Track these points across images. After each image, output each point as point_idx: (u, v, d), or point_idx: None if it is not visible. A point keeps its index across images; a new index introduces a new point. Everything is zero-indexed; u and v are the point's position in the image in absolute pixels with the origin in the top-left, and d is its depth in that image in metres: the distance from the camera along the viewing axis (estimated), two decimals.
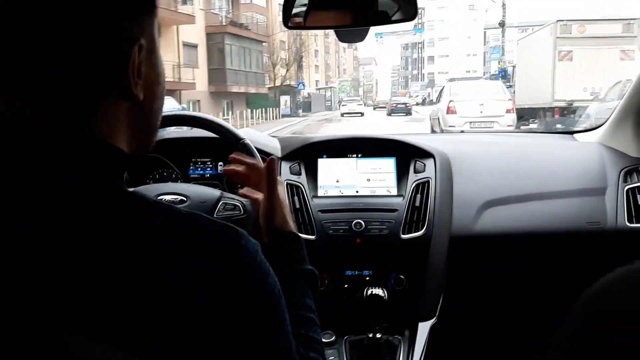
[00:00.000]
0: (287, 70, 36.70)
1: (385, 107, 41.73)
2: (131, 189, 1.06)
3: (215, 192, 1.22)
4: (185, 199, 1.18)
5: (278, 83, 34.92)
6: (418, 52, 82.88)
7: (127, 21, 0.53)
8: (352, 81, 76.97)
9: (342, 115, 32.58)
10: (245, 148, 1.22)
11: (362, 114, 32.81)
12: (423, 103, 47.00)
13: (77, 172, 0.50)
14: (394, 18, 1.13)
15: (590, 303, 0.40)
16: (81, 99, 0.51)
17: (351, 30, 1.22)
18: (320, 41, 66.61)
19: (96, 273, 0.44)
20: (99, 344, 0.42)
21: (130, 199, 0.52)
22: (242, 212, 1.20)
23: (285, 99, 32.48)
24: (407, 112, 30.55)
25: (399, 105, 31.29)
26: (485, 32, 79.35)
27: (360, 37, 1.46)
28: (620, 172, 1.48)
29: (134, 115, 0.57)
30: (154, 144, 0.63)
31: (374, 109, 43.12)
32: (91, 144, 0.52)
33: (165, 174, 1.48)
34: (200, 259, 0.48)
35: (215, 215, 1.19)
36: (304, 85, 29.06)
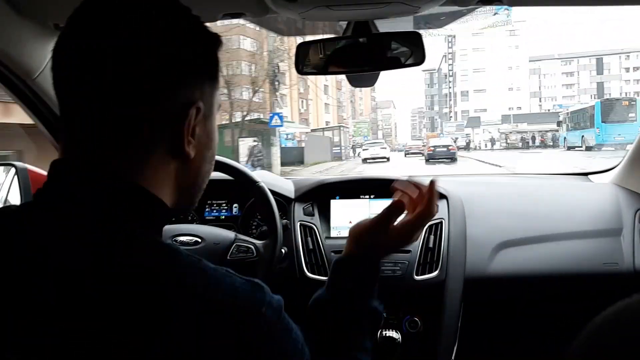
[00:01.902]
0: (253, 94, 27.89)
1: (418, 153, 40.25)
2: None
3: (230, 235, 1.52)
4: (200, 240, 1.48)
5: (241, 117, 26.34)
6: (448, 87, 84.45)
7: (189, 85, 0.69)
8: (371, 123, 77.76)
9: (363, 161, 32.48)
10: (259, 190, 1.51)
11: (388, 159, 32.75)
12: (467, 147, 44.85)
13: (114, 208, 0.63)
14: (404, 62, 1.44)
15: (591, 336, 0.46)
16: (136, 151, 0.66)
17: (362, 75, 1.57)
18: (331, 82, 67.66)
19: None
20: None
21: (158, 249, 0.63)
22: (254, 254, 1.50)
23: (249, 146, 23.11)
24: (451, 157, 28.55)
25: (438, 149, 29.15)
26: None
27: (372, 81, 1.78)
28: (636, 213, 1.78)
29: (181, 174, 0.72)
30: (197, 203, 0.81)
31: (405, 155, 40.98)
32: (136, 192, 0.66)
33: (181, 216, 1.76)
34: (225, 318, 0.59)
35: (228, 257, 1.48)
36: (281, 119, 20.03)
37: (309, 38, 1.59)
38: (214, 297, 0.61)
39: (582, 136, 28.62)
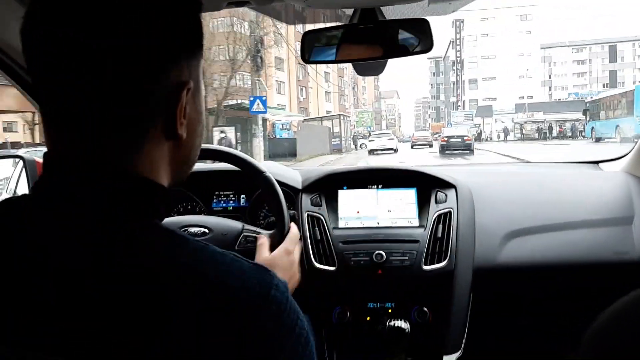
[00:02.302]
0: (232, 76, 25.16)
1: (425, 144, 40.23)
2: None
3: (237, 225, 1.58)
4: (207, 231, 1.54)
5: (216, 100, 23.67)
6: (456, 75, 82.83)
7: (178, 64, 0.70)
8: (374, 113, 77.25)
9: (370, 152, 32.62)
10: (266, 181, 1.56)
11: (395, 151, 33.12)
12: (478, 138, 43.38)
13: (115, 207, 0.65)
14: (412, 50, 1.48)
15: (602, 328, 0.51)
16: (128, 137, 0.67)
17: (370, 63, 1.62)
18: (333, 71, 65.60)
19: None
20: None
21: (166, 237, 0.66)
22: None
23: (223, 135, 20.94)
24: (467, 148, 27.80)
25: (453, 140, 28.08)
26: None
27: (379, 70, 1.85)
28: None
29: (175, 154, 0.74)
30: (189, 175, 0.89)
31: (412, 146, 40.23)
32: (132, 179, 0.68)
33: (189, 207, 1.87)
34: (235, 302, 0.61)
35: (236, 248, 1.55)
36: (264, 103, 17.43)
37: (312, 27, 1.68)
38: (224, 281, 0.63)
39: (617, 126, 27.06)
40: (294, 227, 1.50)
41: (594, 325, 0.48)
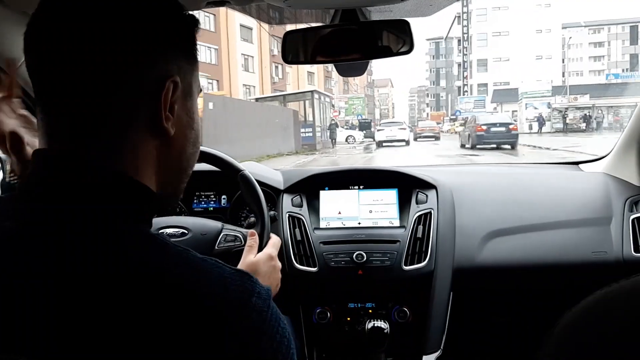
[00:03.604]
0: None
1: (432, 137, 38.81)
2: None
3: (217, 225, 1.76)
4: (186, 231, 1.72)
5: None
6: (462, 55, 76.18)
7: (164, 60, 0.78)
8: (366, 98, 74.40)
9: (378, 145, 32.22)
10: (244, 179, 1.73)
11: (407, 143, 32.69)
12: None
13: (97, 207, 0.71)
14: (395, 50, 1.69)
15: (562, 334, 0.62)
16: (114, 129, 0.74)
17: (351, 63, 1.80)
18: None
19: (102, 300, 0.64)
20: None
21: (146, 242, 0.72)
22: (242, 243, 1.73)
23: None
24: (512, 143, 24.68)
25: (494, 130, 24.52)
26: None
27: (361, 70, 2.02)
28: (625, 202, 2.09)
29: (163, 155, 0.81)
30: (183, 190, 0.93)
31: (416, 138, 39.17)
32: (117, 178, 0.75)
33: (168, 208, 2.15)
34: (216, 309, 0.67)
35: (216, 247, 1.72)
36: None
37: (292, 27, 1.84)
38: (202, 289, 0.69)
39: None
40: (274, 236, 1.63)
41: (560, 323, 0.58)
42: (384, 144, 32.48)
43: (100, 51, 0.72)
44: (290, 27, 2.01)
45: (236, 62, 43.81)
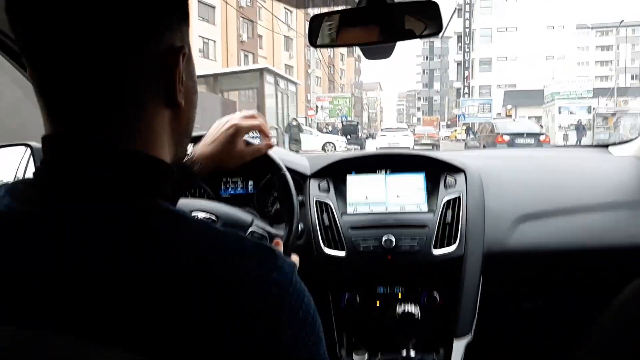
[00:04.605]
0: None
1: (430, 145, 37.53)
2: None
3: (247, 218, 1.83)
4: (216, 219, 1.80)
5: None
6: (463, 52, 72.50)
7: (170, 29, 0.82)
8: (353, 99, 66.59)
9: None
10: (282, 180, 1.82)
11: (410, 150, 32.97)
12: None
13: (116, 188, 0.77)
14: (419, 33, 1.85)
15: (622, 309, 0.69)
16: (128, 106, 0.78)
17: (377, 47, 1.98)
18: (298, 20, 55.59)
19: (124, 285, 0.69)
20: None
21: (167, 217, 0.77)
22: (269, 243, 1.74)
23: None
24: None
25: (521, 141, 22.81)
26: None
27: (387, 53, 2.17)
28: None
29: (174, 125, 0.87)
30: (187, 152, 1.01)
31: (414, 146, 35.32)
32: (134, 156, 0.80)
33: (197, 194, 2.20)
34: (236, 284, 0.72)
35: None
36: None
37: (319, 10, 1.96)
38: (222, 263, 0.74)
39: None
40: (294, 256, 1.65)
41: (621, 296, 0.67)
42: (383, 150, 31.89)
43: (103, 29, 0.74)
44: (316, 11, 2.21)
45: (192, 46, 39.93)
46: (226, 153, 1.60)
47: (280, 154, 2.04)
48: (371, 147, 37.49)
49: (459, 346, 2.08)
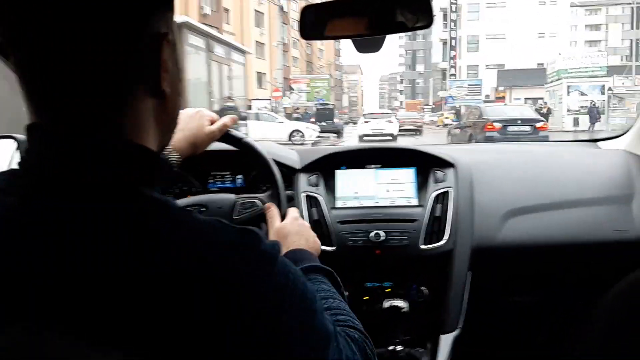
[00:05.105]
0: None
1: (414, 130, 37.83)
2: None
3: (231, 196, 1.96)
4: (204, 208, 1.92)
5: None
6: (449, 30, 69.02)
7: (157, 16, 0.84)
8: (332, 81, 67.56)
9: (360, 139, 31.99)
10: (248, 147, 1.90)
11: (394, 137, 32.36)
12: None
13: (105, 178, 0.80)
14: (410, 25, 1.97)
15: (617, 300, 0.98)
16: (112, 96, 0.81)
17: (368, 39, 2.10)
18: None
19: (113, 279, 0.72)
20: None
21: (166, 215, 0.80)
22: (260, 206, 1.92)
23: None
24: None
25: (513, 129, 20.64)
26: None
27: (378, 46, 2.23)
28: None
29: (159, 112, 0.89)
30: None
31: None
32: (121, 145, 0.82)
33: (185, 188, 2.27)
34: (211, 263, 0.77)
35: (234, 217, 1.90)
36: None
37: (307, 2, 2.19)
38: (201, 250, 0.78)
39: None
40: (292, 208, 1.83)
41: (614, 290, 0.85)
42: (366, 139, 31.72)
43: (86, 14, 0.77)
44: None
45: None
46: (197, 136, 1.73)
47: (269, 148, 2.15)
48: (351, 134, 36.53)
49: (446, 340, 2.18)
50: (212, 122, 1.77)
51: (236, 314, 0.76)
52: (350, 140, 33.54)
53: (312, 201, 2.31)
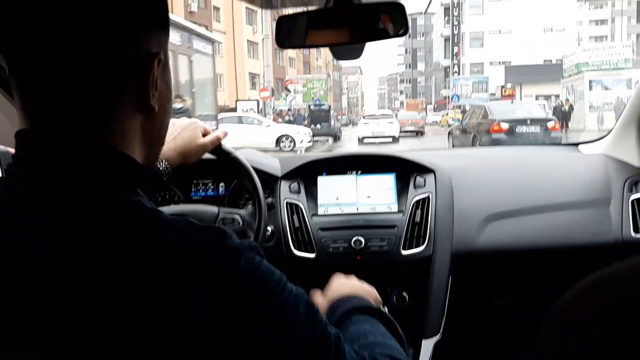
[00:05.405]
0: None
1: (414, 132, 37.50)
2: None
3: (213, 209, 2.01)
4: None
5: None
6: (452, 25, 71.26)
7: (147, 35, 0.89)
8: (330, 80, 65.94)
9: (360, 141, 32.25)
10: (235, 162, 1.96)
11: (396, 139, 32.21)
12: (565, 120, 29.52)
13: (92, 183, 0.84)
14: (388, 34, 2.04)
15: (555, 316, 0.78)
16: (102, 109, 0.86)
17: (347, 47, 2.19)
18: None
19: (98, 280, 0.76)
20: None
21: (136, 211, 0.85)
22: (241, 224, 1.99)
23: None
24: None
25: (522, 129, 19.57)
26: None
27: (357, 54, 2.35)
28: (625, 183, 2.36)
29: (147, 129, 0.94)
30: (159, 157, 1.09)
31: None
32: (108, 153, 0.87)
33: (167, 196, 2.33)
34: (217, 261, 0.82)
35: None
36: None
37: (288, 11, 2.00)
38: (171, 248, 0.82)
39: None
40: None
41: (561, 300, 0.78)
42: (366, 141, 31.72)
43: (80, 29, 0.82)
44: (285, 11, 2.38)
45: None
46: (189, 147, 1.78)
47: (249, 155, 2.21)
48: (350, 136, 35.24)
49: (427, 345, 2.24)
50: (206, 134, 1.83)
51: (236, 314, 0.80)
52: (349, 144, 32.74)
53: (293, 208, 2.38)
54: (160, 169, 1.70)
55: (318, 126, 35.89)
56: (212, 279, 0.81)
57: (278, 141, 27.93)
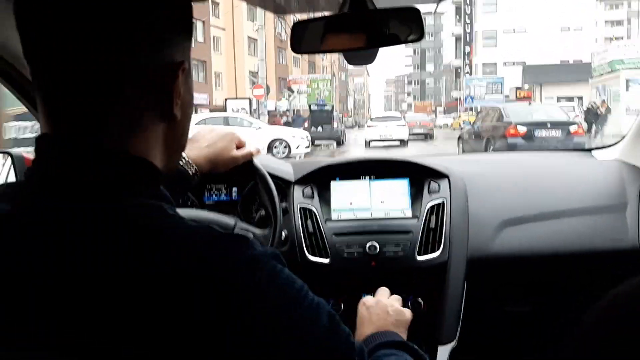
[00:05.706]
0: None
1: (423, 135, 36.98)
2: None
3: (229, 222, 2.04)
4: None
5: None
6: (464, 24, 70.80)
7: (172, 44, 0.93)
8: (335, 80, 67.04)
9: (367, 145, 32.03)
10: (261, 178, 2.05)
11: (405, 143, 31.92)
12: (590, 124, 27.46)
13: (94, 183, 0.86)
14: (403, 39, 2.10)
15: (601, 314, 0.80)
16: (126, 116, 0.89)
17: (361, 52, 2.26)
18: None
19: (118, 283, 0.79)
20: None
21: (166, 217, 0.88)
22: None
23: None
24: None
25: (542, 133, 19.03)
26: None
27: (370, 59, 2.41)
28: None
29: (169, 136, 0.97)
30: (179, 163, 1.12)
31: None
32: (130, 160, 0.90)
33: (180, 201, 2.34)
34: (217, 261, 0.84)
35: None
36: None
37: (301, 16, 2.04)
38: (190, 253, 0.84)
39: None
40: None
41: (597, 306, 0.80)
42: (374, 144, 31.44)
43: (106, 39, 0.86)
44: (299, 17, 2.44)
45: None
46: (221, 157, 1.86)
47: (263, 160, 2.25)
48: (356, 140, 34.30)
49: (443, 352, 2.28)
50: (240, 146, 1.91)
51: (236, 314, 0.82)
52: (354, 149, 31.46)
53: (307, 213, 2.43)
54: (190, 173, 1.77)
55: (319, 129, 34.52)
56: (230, 285, 0.84)
57: (270, 147, 25.11)
